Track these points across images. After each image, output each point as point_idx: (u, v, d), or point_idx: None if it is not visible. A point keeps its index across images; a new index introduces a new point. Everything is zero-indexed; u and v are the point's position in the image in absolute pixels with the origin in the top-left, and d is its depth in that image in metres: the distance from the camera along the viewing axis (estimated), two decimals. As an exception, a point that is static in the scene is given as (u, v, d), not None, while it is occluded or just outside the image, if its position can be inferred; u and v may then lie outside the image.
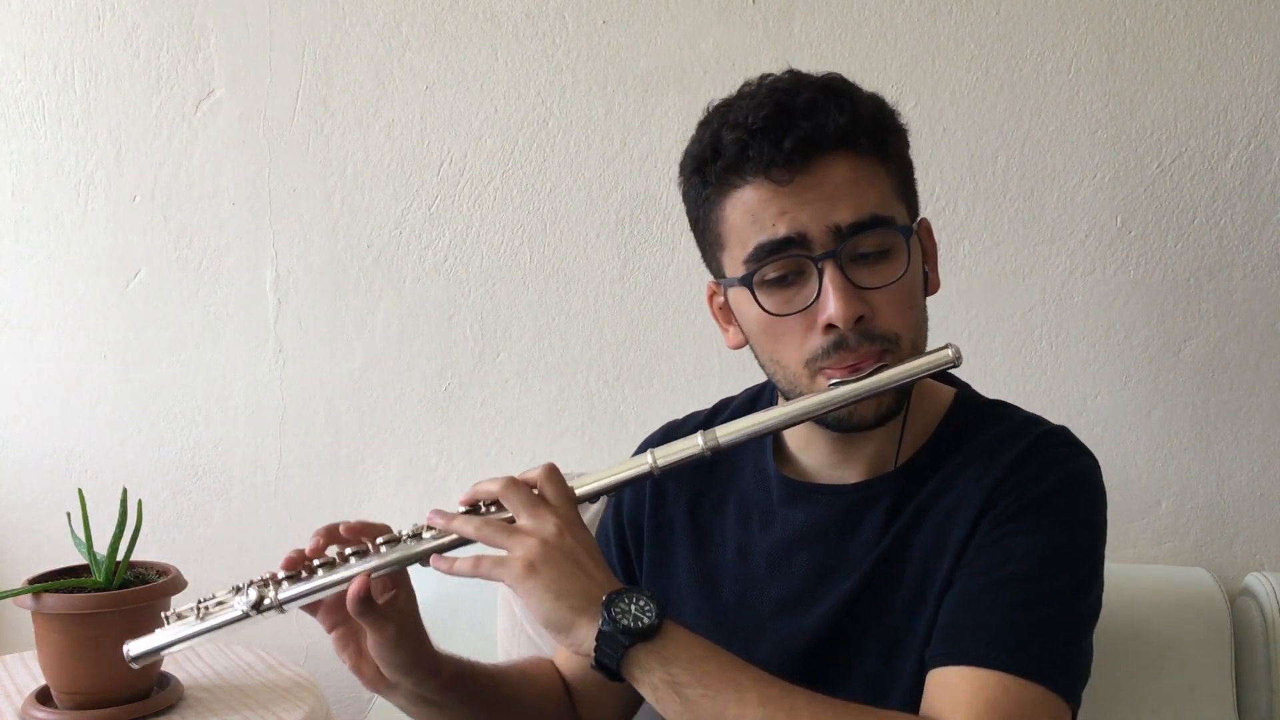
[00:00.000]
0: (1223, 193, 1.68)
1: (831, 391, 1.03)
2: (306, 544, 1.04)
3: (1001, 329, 1.73)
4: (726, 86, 1.71)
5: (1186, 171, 1.69)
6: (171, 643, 1.04)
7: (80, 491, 1.49)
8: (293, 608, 1.02)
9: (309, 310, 1.86)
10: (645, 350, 1.80)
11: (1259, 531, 1.72)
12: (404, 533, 1.02)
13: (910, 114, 1.16)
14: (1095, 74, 1.69)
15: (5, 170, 1.87)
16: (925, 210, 1.16)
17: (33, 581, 1.42)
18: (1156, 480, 1.72)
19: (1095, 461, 1.10)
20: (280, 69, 1.82)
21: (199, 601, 1.04)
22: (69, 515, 1.47)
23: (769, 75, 1.09)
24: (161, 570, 1.47)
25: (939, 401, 1.16)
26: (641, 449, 1.10)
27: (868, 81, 1.12)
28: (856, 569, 1.09)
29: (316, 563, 1.01)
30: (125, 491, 1.47)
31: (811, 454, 1.16)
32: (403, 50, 1.80)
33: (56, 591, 1.39)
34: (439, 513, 1.02)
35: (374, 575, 1.00)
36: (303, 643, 1.84)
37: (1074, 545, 1.04)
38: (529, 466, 1.05)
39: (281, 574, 1.02)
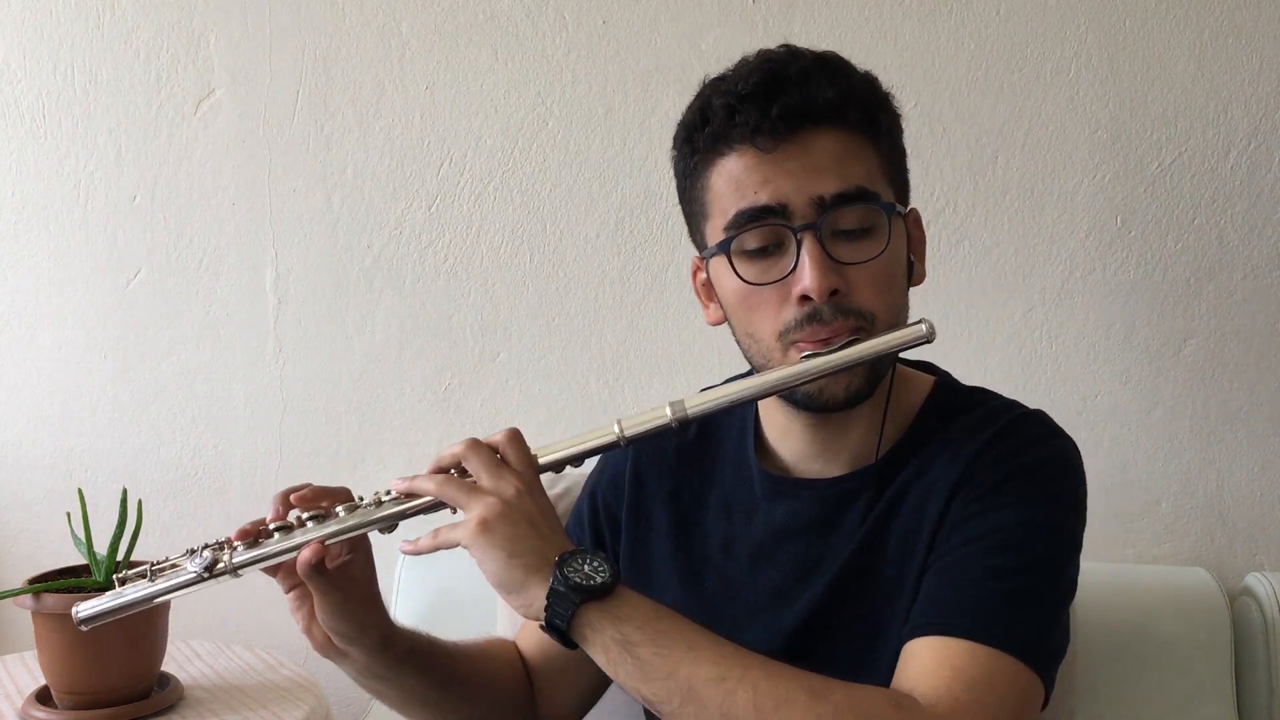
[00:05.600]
0: (1223, 193, 1.68)
1: (802, 364, 1.02)
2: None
3: (1001, 329, 1.73)
4: (726, 86, 1.75)
5: (1186, 171, 1.69)
6: (121, 606, 1.03)
7: (80, 491, 1.49)
8: (248, 572, 1.01)
9: (309, 310, 1.86)
10: (645, 350, 1.80)
11: (1259, 531, 1.72)
12: (364, 499, 1.01)
13: (910, 114, 1.16)
14: (1095, 74, 1.69)
15: (5, 170, 1.86)
16: (925, 210, 1.16)
17: (33, 581, 1.42)
18: (1156, 480, 1.72)
19: (1074, 444, 1.08)
20: (280, 69, 1.82)
21: (150, 564, 1.04)
22: (69, 515, 1.47)
23: (767, 49, 1.08)
24: (161, 570, 1.46)
25: (918, 390, 1.15)
26: None
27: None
28: (838, 561, 1.08)
29: (273, 527, 1.01)
30: (125, 491, 1.47)
31: (790, 444, 1.14)
32: (403, 50, 1.80)
33: (56, 591, 1.39)
34: (402, 477, 1.01)
35: (329, 541, 0.99)
36: (303, 643, 1.82)
37: (1049, 520, 1.02)
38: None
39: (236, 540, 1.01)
